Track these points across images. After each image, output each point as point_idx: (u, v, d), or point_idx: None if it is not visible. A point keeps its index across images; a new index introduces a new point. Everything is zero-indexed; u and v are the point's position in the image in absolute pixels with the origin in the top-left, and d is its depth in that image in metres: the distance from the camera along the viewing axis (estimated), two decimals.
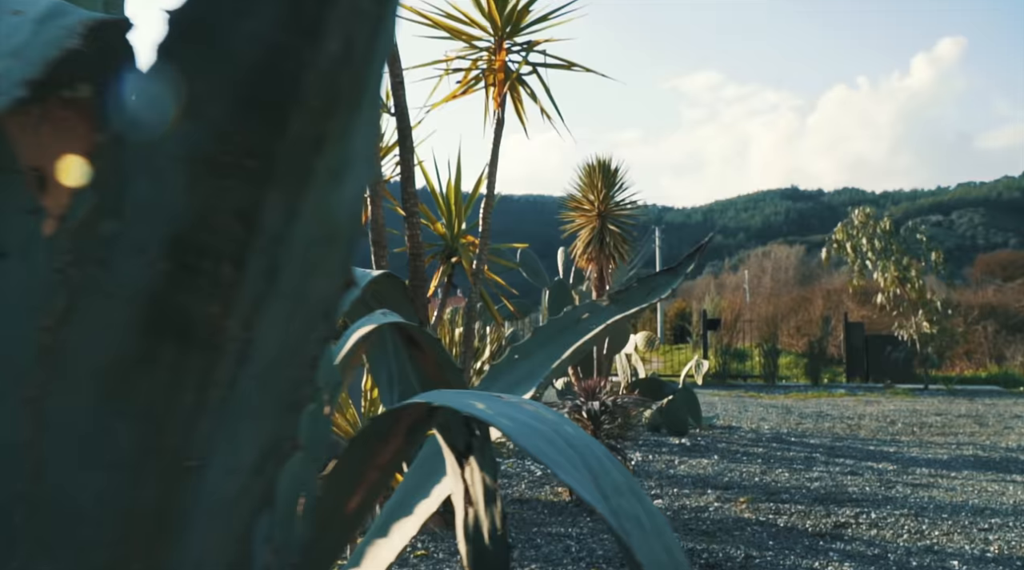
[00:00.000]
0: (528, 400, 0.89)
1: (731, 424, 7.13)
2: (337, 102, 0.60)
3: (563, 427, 0.80)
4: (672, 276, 1.64)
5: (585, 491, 0.72)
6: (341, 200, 0.67)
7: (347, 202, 0.68)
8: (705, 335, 15.10)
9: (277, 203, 0.62)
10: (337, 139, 0.64)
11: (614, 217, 5.79)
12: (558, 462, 0.75)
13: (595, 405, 3.50)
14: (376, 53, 0.61)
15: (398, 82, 3.16)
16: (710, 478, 4.30)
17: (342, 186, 0.67)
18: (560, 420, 0.83)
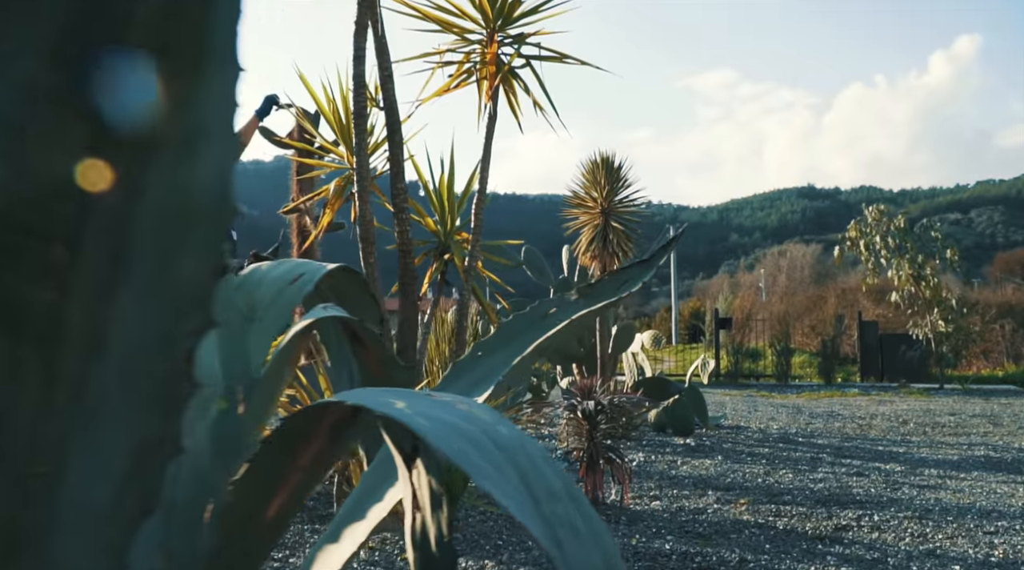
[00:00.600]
0: (464, 399, 0.83)
1: (739, 424, 7.04)
2: (171, 61, 0.53)
3: (495, 428, 0.73)
4: (644, 269, 1.57)
5: (504, 496, 0.65)
6: (197, 174, 0.60)
7: (206, 177, 0.61)
8: (717, 334, 14.98)
9: (111, 175, 0.55)
10: (180, 105, 0.57)
11: (618, 214, 5.71)
12: (478, 466, 0.68)
13: (590, 405, 3.42)
14: (215, 8, 0.54)
15: (387, 75, 3.10)
16: (712, 479, 4.22)
17: (196, 159, 0.59)
18: (495, 421, 0.77)
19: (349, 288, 1.48)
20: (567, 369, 6.64)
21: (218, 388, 0.92)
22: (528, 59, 3.44)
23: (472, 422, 0.76)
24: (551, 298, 1.61)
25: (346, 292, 1.50)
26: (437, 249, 3.57)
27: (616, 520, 3.28)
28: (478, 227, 3.35)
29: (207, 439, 0.87)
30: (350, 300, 1.53)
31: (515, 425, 0.79)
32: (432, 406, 0.77)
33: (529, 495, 0.71)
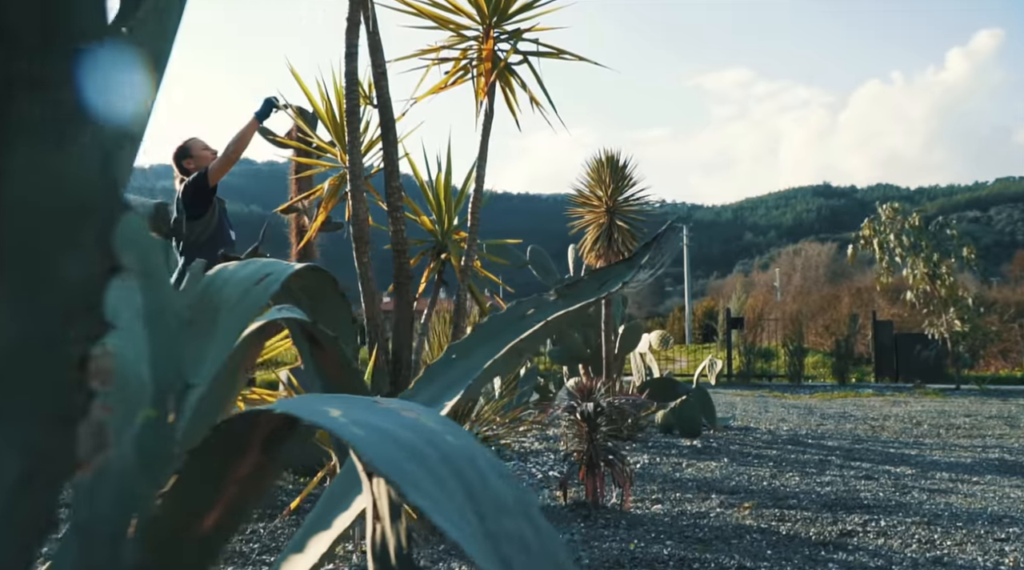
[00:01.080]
0: (413, 406, 0.78)
1: (748, 425, 6.95)
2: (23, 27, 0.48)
3: (443, 438, 0.68)
4: (627, 267, 1.50)
5: (439, 512, 0.59)
6: (74, 163, 0.54)
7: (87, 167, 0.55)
8: (729, 334, 14.87)
9: None
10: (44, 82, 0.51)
11: (623, 213, 5.64)
12: (412, 478, 0.63)
13: (589, 407, 3.36)
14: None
15: (380, 72, 3.06)
16: (716, 482, 4.14)
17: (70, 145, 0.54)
18: (443, 429, 0.71)
19: (320, 289, 1.43)
20: (573, 370, 6.58)
21: (146, 395, 0.88)
22: (525, 55, 3.39)
23: (416, 431, 0.71)
24: (529, 298, 1.55)
25: (318, 293, 1.46)
26: (434, 249, 3.52)
27: (616, 524, 3.22)
28: (474, 226, 3.30)
29: (132, 450, 0.83)
30: (322, 301, 1.48)
31: (468, 433, 0.74)
32: (373, 414, 0.72)
33: (474, 510, 0.66)
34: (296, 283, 1.46)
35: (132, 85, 0.61)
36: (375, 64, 3.05)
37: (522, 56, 3.39)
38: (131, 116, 0.70)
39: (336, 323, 1.51)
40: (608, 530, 3.15)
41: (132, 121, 0.78)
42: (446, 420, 0.77)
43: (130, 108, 1.09)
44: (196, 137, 4.45)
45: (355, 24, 2.94)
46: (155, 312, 0.90)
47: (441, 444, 0.71)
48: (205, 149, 4.37)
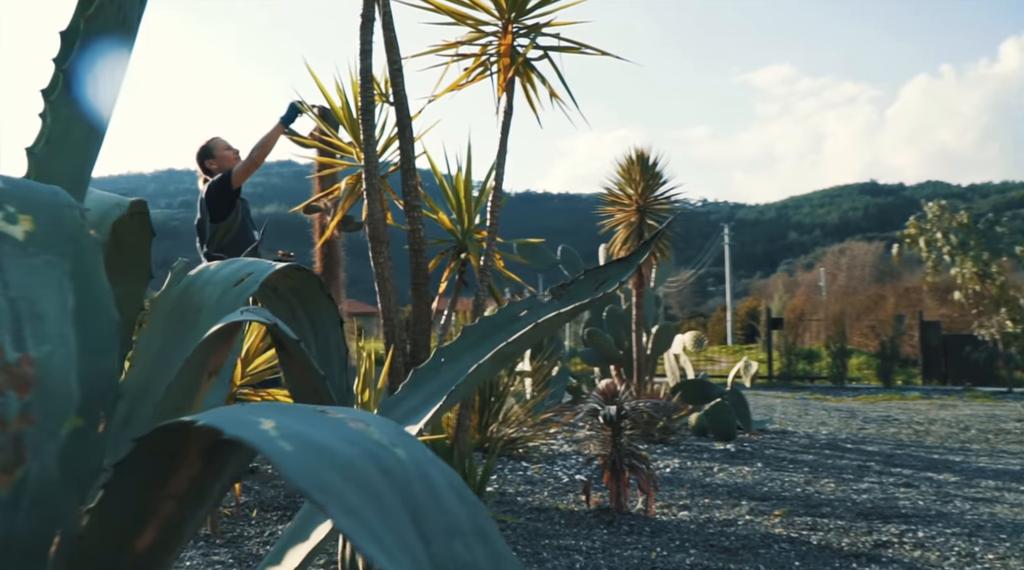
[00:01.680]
0: (365, 416, 0.71)
1: (786, 428, 6.78)
2: None
3: (391, 452, 0.62)
4: (624, 267, 1.42)
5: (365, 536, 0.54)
6: None
7: None
8: (769, 335, 14.60)
9: None
10: None
11: (654, 211, 5.53)
12: (342, 498, 0.56)
13: (612, 410, 3.27)
14: None
15: (396, 70, 3.01)
16: (747, 488, 4.02)
17: None
18: (395, 442, 0.65)
19: (307, 289, 1.38)
20: (605, 371, 6.47)
21: (73, 404, 0.82)
22: (546, 50, 3.31)
23: (359, 444, 0.64)
24: (522, 300, 1.48)
25: (305, 293, 1.40)
26: (454, 248, 3.46)
27: (639, 531, 3.13)
28: (494, 225, 3.23)
29: (55, 462, 0.77)
30: (310, 303, 1.42)
31: (424, 447, 0.68)
32: (313, 425, 0.66)
33: (418, 533, 0.60)
34: (284, 283, 1.40)
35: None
36: (391, 61, 3.00)
37: (542, 51, 3.31)
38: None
39: (323, 325, 1.45)
40: (631, 537, 3.06)
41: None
42: (400, 432, 0.70)
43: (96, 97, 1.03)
44: (218, 136, 4.45)
45: (369, 20, 2.89)
46: (88, 314, 0.84)
47: (386, 459, 0.65)
48: (227, 149, 4.37)
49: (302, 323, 1.47)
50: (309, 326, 1.45)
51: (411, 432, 1.22)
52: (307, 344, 1.46)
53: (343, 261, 4.78)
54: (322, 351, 1.44)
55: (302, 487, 0.53)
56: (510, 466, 4.50)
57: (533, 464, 4.59)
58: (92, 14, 1.02)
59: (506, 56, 3.21)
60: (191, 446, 0.80)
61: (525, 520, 3.31)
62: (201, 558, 2.74)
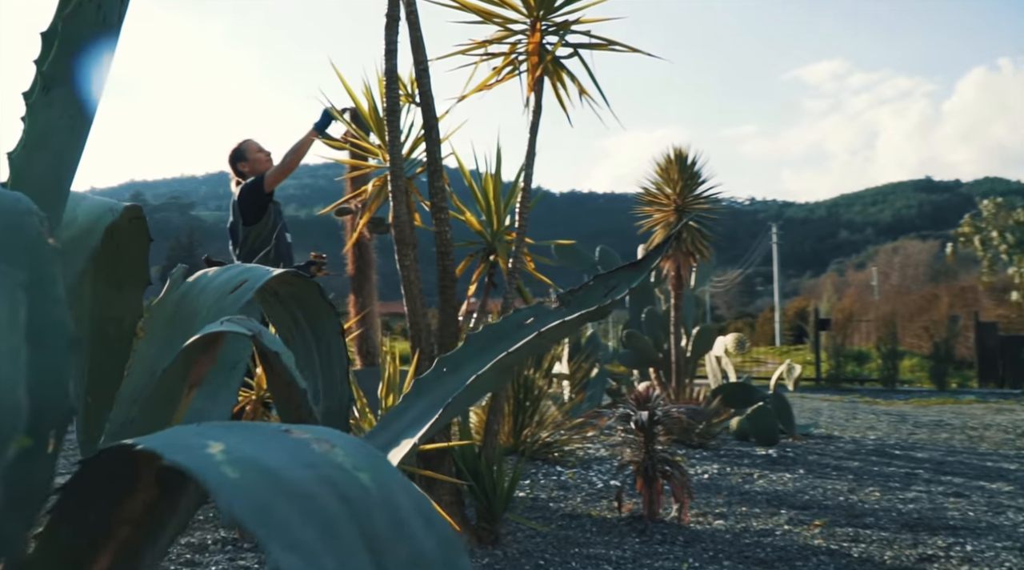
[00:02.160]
0: (331, 437, 0.67)
1: (831, 433, 6.59)
2: None
3: (352, 478, 0.59)
4: (635, 272, 1.36)
5: None
6: None
7: None
8: (817, 336, 14.28)
9: None
10: None
11: (692, 211, 5.42)
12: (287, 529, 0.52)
13: (644, 415, 3.19)
14: None
15: (422, 70, 2.96)
16: (787, 496, 3.90)
17: None
18: (359, 466, 0.61)
19: (307, 296, 1.34)
20: (645, 373, 6.37)
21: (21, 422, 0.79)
22: (576, 48, 3.24)
23: (317, 469, 0.59)
24: (529, 307, 1.42)
25: (306, 300, 1.36)
26: (484, 250, 3.41)
27: (672, 540, 3.04)
28: (523, 227, 3.17)
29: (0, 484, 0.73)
30: (310, 309, 1.38)
31: (394, 470, 0.63)
32: (269, 448, 0.61)
33: (374, 566, 0.55)
34: (285, 290, 1.36)
35: None
36: (417, 61, 2.96)
37: (572, 49, 3.24)
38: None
39: (325, 332, 1.41)
40: (663, 547, 2.97)
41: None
42: (369, 454, 0.66)
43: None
44: (251, 139, 4.47)
45: (394, 20, 2.86)
46: (41, 328, 0.80)
47: (347, 485, 0.60)
48: (259, 151, 4.38)
49: (304, 330, 1.43)
50: (311, 334, 1.40)
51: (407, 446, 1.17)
52: (308, 352, 1.42)
53: (375, 263, 4.76)
54: (323, 359, 1.40)
55: (240, 518, 0.48)
56: (544, 471, 4.44)
57: (568, 469, 4.52)
58: (70, 13, 0.98)
59: (534, 54, 3.15)
60: (143, 470, 0.76)
61: (556, 527, 3.24)
62: (228, 563, 2.73)
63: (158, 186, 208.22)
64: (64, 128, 0.99)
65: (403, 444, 1.15)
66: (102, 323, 1.36)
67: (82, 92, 0.99)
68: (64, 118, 0.98)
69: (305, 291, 1.30)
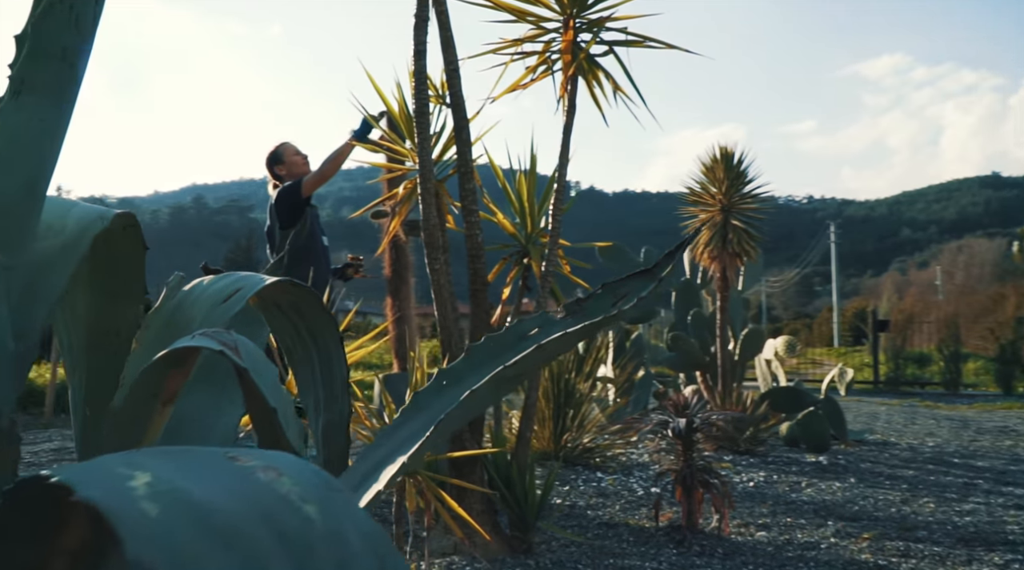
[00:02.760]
0: (280, 463, 0.62)
1: (887, 439, 6.37)
2: None
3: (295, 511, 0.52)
4: (647, 279, 1.29)
5: None
6: None
7: None
8: (875, 338, 13.89)
9: None
10: None
11: (739, 210, 5.28)
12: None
13: (681, 423, 3.09)
14: None
15: (452, 70, 2.92)
16: (836, 506, 3.76)
17: None
18: (307, 497, 0.57)
19: (307, 305, 1.30)
20: (691, 377, 6.24)
21: None
22: (611, 45, 3.16)
23: (256, 502, 0.54)
24: (533, 317, 1.36)
25: (305, 310, 1.32)
26: (518, 253, 3.35)
27: (710, 552, 2.94)
28: (556, 229, 3.10)
29: None
30: (310, 319, 1.34)
31: (346, 501, 0.59)
32: (206, 477, 0.56)
33: None
34: (284, 299, 1.32)
35: None
36: (447, 61, 2.92)
37: (607, 46, 3.17)
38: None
39: (326, 342, 1.37)
40: (701, 559, 2.88)
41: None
42: (321, 483, 0.61)
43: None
44: (287, 142, 4.48)
45: (423, 21, 2.82)
46: None
47: (288, 519, 0.55)
48: (296, 154, 4.39)
49: (305, 341, 1.39)
50: (312, 344, 1.36)
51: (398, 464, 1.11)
52: (311, 363, 1.37)
53: (412, 265, 4.74)
54: (324, 370, 1.36)
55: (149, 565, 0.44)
56: (584, 477, 4.36)
57: (609, 475, 4.43)
58: (40, 15, 0.96)
59: (567, 53, 3.08)
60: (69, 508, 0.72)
61: (592, 536, 3.17)
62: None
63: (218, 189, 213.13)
64: (36, 132, 0.96)
65: (396, 462, 1.10)
66: (99, 333, 1.33)
67: (54, 96, 0.96)
68: (35, 122, 0.95)
69: (304, 300, 1.26)
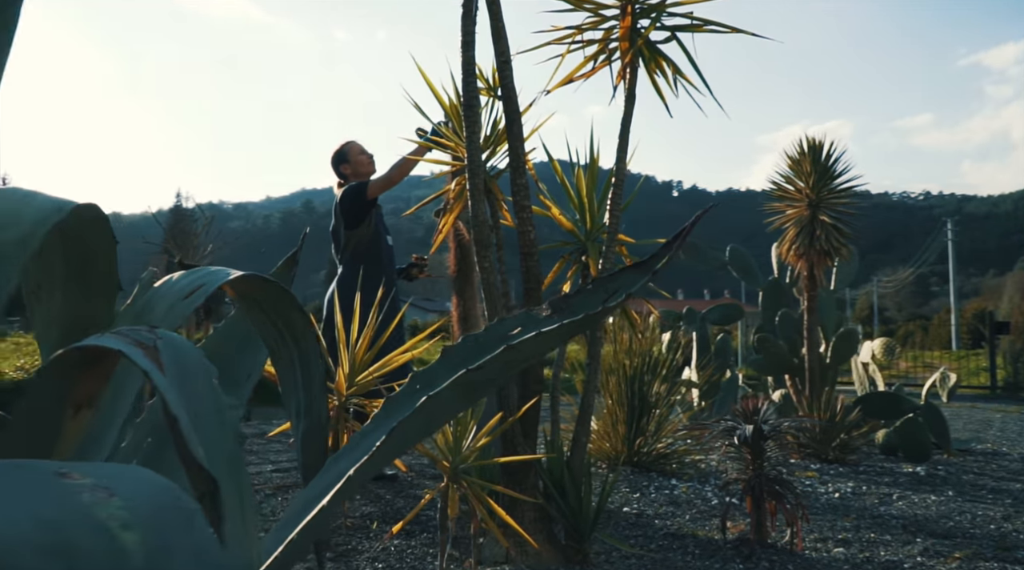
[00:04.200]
0: (125, 477, 0.56)
1: (999, 449, 5.90)
2: None
3: (110, 539, 0.47)
4: (638, 274, 1.17)
5: None
6: None
7: None
8: (992, 340, 13.02)
9: None
10: None
11: (829, 206, 4.99)
12: None
13: (748, 430, 2.90)
14: None
15: (504, 61, 2.83)
16: (928, 521, 3.47)
17: None
18: (131, 522, 0.49)
19: (278, 302, 1.23)
20: (779, 380, 5.95)
21: None
22: (673, 31, 3.00)
23: (62, 530, 0.49)
24: (516, 316, 1.25)
25: (278, 307, 1.25)
26: (577, 250, 3.23)
27: (780, 569, 2.75)
28: (614, 226, 2.97)
29: None
30: (284, 316, 1.27)
31: (185, 523, 0.53)
32: (24, 498, 0.51)
33: None
34: (257, 294, 1.26)
35: None
36: (498, 52, 2.83)
37: (669, 32, 3.01)
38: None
39: (302, 340, 1.30)
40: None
41: None
42: (159, 504, 0.55)
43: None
44: (353, 141, 4.47)
45: (469, 11, 2.73)
46: None
47: (98, 548, 0.54)
48: (362, 154, 4.38)
49: (287, 342, 1.32)
50: (291, 341, 1.29)
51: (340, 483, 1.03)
52: (292, 365, 1.31)
53: None
54: (304, 372, 1.28)
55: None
56: (657, 483, 4.19)
57: (683, 482, 4.24)
58: None
59: (624, 39, 2.94)
60: None
61: (654, 548, 3.02)
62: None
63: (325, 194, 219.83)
64: None
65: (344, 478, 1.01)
66: (73, 329, 1.30)
67: None
68: None
69: (274, 297, 1.19)
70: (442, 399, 1.00)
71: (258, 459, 4.85)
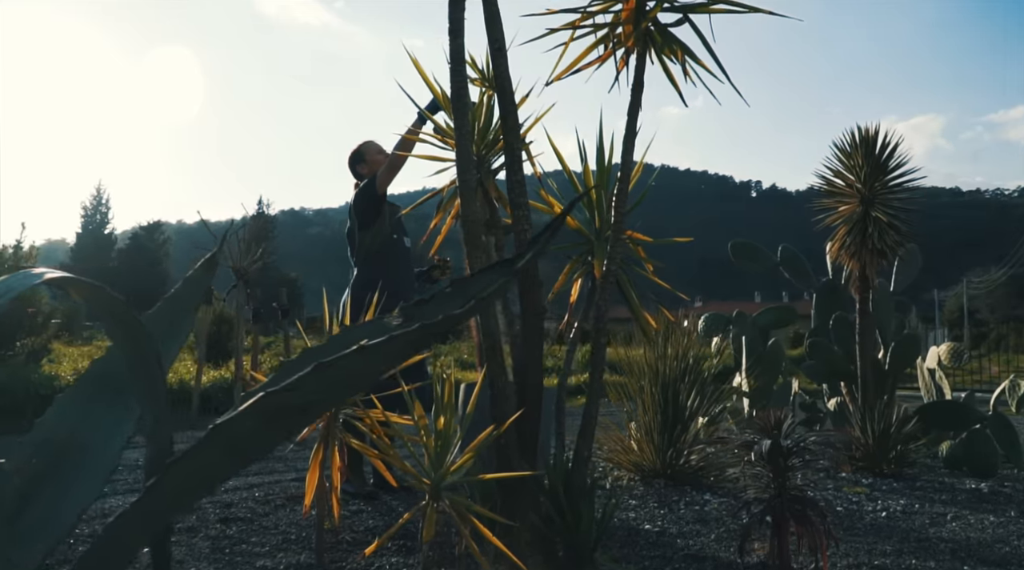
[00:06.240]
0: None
1: None
2: None
3: None
4: (501, 273, 0.98)
5: None
6: None
7: None
8: None
9: None
10: None
11: (884, 202, 4.64)
12: None
13: (766, 444, 2.65)
14: None
15: (497, 49, 2.66)
16: (980, 546, 3.14)
17: None
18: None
19: (113, 308, 1.08)
20: (835, 387, 5.60)
21: None
22: (685, 11, 2.78)
23: None
24: (367, 324, 1.08)
25: (117, 315, 1.11)
26: (584, 252, 3.03)
27: None
28: (619, 224, 2.76)
29: None
30: (123, 325, 1.13)
31: None
32: None
33: None
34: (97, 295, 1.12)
35: None
36: (492, 39, 2.66)
37: (680, 14, 2.78)
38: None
39: (143, 351, 1.15)
40: None
41: None
42: None
43: None
44: (371, 140, 4.36)
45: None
46: None
47: None
48: (380, 153, 4.26)
49: (118, 340, 1.19)
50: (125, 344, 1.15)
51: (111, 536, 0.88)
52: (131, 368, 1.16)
53: None
54: (150, 383, 1.13)
55: None
56: (688, 498, 3.94)
57: (717, 497, 3.98)
58: None
59: (628, 22, 2.74)
60: None
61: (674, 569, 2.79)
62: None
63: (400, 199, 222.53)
64: None
65: None
66: None
67: None
68: None
69: (105, 303, 1.05)
70: (234, 429, 0.83)
71: (284, 467, 4.78)
